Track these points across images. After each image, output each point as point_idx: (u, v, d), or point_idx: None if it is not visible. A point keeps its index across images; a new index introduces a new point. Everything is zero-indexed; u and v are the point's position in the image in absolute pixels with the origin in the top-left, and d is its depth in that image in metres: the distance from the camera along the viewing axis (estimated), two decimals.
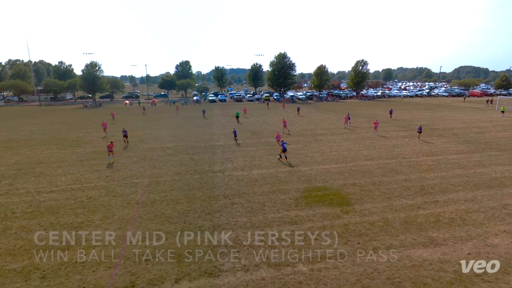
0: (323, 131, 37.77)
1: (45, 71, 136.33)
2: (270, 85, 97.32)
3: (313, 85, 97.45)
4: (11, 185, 19.37)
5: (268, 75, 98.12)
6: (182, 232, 13.48)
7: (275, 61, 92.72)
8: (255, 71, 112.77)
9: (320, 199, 16.82)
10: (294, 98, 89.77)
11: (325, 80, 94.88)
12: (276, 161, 24.29)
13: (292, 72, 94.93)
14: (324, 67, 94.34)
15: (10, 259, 11.58)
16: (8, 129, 41.72)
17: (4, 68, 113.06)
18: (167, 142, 31.96)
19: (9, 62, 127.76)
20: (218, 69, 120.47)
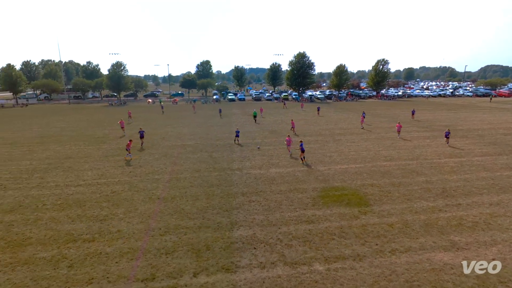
0: (341, 130, 37.15)
1: (74, 71, 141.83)
2: (289, 85, 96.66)
3: (332, 84, 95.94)
4: (42, 179, 20.32)
5: (287, 74, 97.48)
6: (201, 227, 13.68)
7: (294, 61, 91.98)
8: (274, 70, 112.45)
9: (338, 199, 16.58)
10: (313, 97, 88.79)
11: (345, 79, 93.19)
12: (294, 160, 24.13)
13: (311, 72, 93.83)
14: (344, 66, 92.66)
15: (41, 248, 12.16)
16: (41, 126, 43.76)
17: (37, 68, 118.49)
18: (187, 140, 32.47)
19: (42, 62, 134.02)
20: (237, 69, 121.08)
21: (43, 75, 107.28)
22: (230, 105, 75.08)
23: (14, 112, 64.79)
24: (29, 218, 14.72)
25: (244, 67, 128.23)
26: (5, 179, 20.29)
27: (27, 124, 45.39)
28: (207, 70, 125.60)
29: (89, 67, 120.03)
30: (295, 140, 29.50)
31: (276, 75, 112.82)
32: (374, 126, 40.38)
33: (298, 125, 41.49)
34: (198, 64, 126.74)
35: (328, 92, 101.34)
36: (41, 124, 45.85)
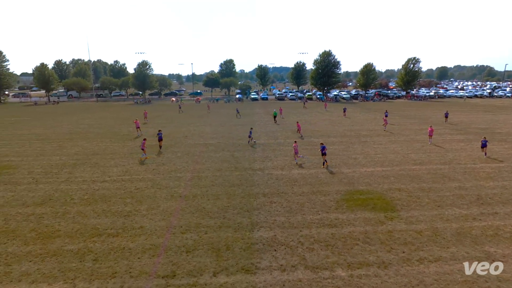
0: (368, 132, 36.24)
1: (102, 70, 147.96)
2: (313, 84, 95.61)
3: (359, 84, 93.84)
4: (70, 174, 21.36)
5: (311, 73, 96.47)
6: (222, 227, 13.83)
7: (319, 59, 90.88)
8: (298, 69, 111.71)
9: (363, 203, 16.19)
10: (338, 97, 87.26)
11: (372, 79, 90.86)
12: (318, 161, 23.82)
13: (337, 71, 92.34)
14: (371, 65, 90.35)
15: (68, 241, 12.79)
16: (70, 123, 46.03)
17: (68, 67, 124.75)
18: (209, 139, 32.94)
19: (73, 61, 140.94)
20: (261, 68, 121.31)
21: (73, 74, 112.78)
22: (252, 105, 75.35)
23: (47, 109, 68.57)
24: (58, 211, 15.53)
25: (267, 66, 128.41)
26: (37, 173, 21.52)
27: (58, 121, 47.90)
28: (230, 69, 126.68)
29: (116, 66, 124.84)
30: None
31: (300, 74, 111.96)
32: (403, 127, 39.06)
33: (322, 126, 40.96)
34: (221, 63, 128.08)
35: (354, 92, 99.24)
36: (71, 121, 48.20)
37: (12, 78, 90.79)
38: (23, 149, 28.65)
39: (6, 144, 30.82)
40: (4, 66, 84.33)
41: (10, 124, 44.66)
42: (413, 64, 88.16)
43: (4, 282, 10.30)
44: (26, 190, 18.34)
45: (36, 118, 51.58)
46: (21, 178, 20.49)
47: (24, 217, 14.86)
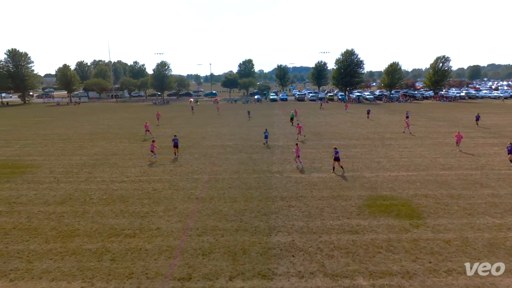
0: (392, 134, 35.38)
1: (122, 71, 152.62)
2: (335, 84, 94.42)
3: (383, 84, 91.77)
4: (90, 174, 22.14)
5: (333, 73, 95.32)
6: (238, 230, 13.89)
7: (341, 59, 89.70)
8: (319, 69, 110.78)
9: (386, 209, 15.81)
10: (361, 98, 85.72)
11: (397, 78, 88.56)
12: (337, 165, 23.44)
13: (360, 70, 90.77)
14: (397, 64, 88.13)
15: (87, 240, 13.25)
16: (91, 123, 47.76)
17: (89, 68, 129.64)
18: (227, 140, 33.21)
19: (94, 62, 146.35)
20: (280, 68, 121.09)
21: (94, 75, 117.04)
22: (271, 106, 75.34)
23: (68, 109, 71.47)
24: (77, 210, 16.12)
25: (287, 66, 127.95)
26: (59, 172, 22.45)
27: (78, 121, 49.80)
28: (249, 69, 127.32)
29: (135, 67, 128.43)
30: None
31: (321, 74, 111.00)
32: (431, 130, 37.85)
33: (343, 128, 40.37)
34: (240, 63, 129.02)
35: (378, 93, 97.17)
36: (91, 121, 49.99)
37: (37, 79, 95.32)
38: (46, 149, 29.98)
39: (30, 144, 32.34)
40: (29, 68, 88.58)
41: (34, 124, 46.86)
42: (443, 63, 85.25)
43: (26, 278, 10.80)
44: (48, 189, 19.17)
45: (58, 119, 53.85)
46: (44, 177, 21.43)
47: (45, 216, 15.53)
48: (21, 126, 44.86)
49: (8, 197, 17.88)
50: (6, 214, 15.76)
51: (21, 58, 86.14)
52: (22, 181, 20.66)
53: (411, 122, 40.82)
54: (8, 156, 27.21)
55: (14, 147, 31.05)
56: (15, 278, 10.79)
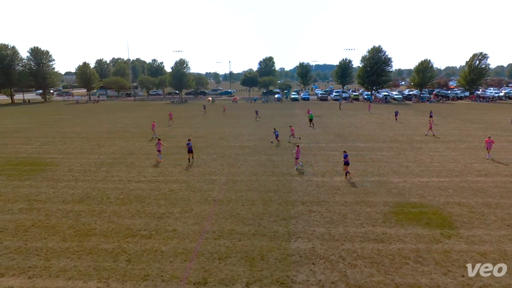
0: (422, 137, 34.34)
1: (140, 69, 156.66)
2: (360, 83, 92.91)
3: (413, 83, 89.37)
4: (107, 172, 22.82)
5: (358, 71, 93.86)
6: (256, 234, 13.89)
7: (367, 56, 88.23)
8: (343, 67, 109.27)
9: (415, 217, 15.35)
10: (388, 98, 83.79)
11: (429, 77, 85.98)
12: (362, 168, 23.04)
13: (388, 68, 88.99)
14: (428, 62, 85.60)
15: (103, 240, 13.65)
16: (109, 122, 49.28)
17: (108, 66, 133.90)
18: (245, 141, 33.34)
19: (113, 60, 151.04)
20: (302, 66, 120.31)
21: (113, 73, 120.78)
22: (293, 105, 75.00)
23: (87, 107, 74.06)
24: (94, 209, 16.65)
25: (309, 64, 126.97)
26: (77, 171, 23.29)
27: (97, 120, 51.49)
28: (270, 67, 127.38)
29: (154, 65, 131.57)
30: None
31: (345, 73, 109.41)
32: (465, 133, 36.46)
33: (369, 129, 39.60)
34: (260, 61, 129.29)
35: (408, 92, 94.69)
36: (109, 119, 51.57)
37: (57, 77, 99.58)
38: (65, 147, 31.19)
39: (50, 142, 33.75)
40: (50, 66, 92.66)
41: (54, 122, 48.88)
42: (479, 60, 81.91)
43: (44, 276, 11.25)
44: (66, 187, 19.92)
45: (77, 116, 55.92)
46: (62, 175, 22.29)
47: (63, 214, 16.15)
48: (42, 124, 46.90)
49: (28, 194, 18.72)
50: (26, 211, 16.50)
51: (42, 56, 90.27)
52: (42, 178, 21.57)
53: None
54: (29, 154, 28.51)
55: (34, 144, 32.50)
56: (33, 276, 11.27)
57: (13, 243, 13.40)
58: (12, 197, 18.39)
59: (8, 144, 32.56)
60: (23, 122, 48.97)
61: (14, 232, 14.31)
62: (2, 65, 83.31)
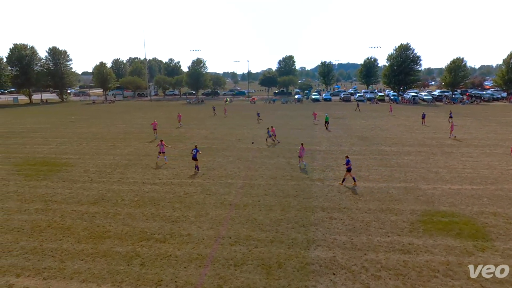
0: (454, 141, 33.32)
1: (157, 68, 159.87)
2: (386, 83, 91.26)
3: (444, 83, 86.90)
4: (122, 174, 23.38)
5: (384, 70, 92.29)
6: (274, 241, 13.84)
7: (394, 54, 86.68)
8: (368, 66, 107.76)
9: (445, 227, 14.89)
10: (417, 99, 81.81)
11: (462, 77, 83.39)
12: (388, 174, 22.58)
13: (416, 67, 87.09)
14: (461, 60, 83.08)
15: (118, 243, 13.97)
16: (125, 122, 50.52)
17: (125, 66, 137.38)
18: (263, 143, 33.34)
19: (129, 60, 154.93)
20: (324, 65, 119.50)
21: (129, 72, 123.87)
22: (314, 106, 74.48)
23: (103, 108, 76.21)
24: (109, 211, 17.08)
25: (332, 63, 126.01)
26: (92, 172, 23.99)
27: (113, 120, 52.90)
28: (290, 66, 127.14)
29: (170, 64, 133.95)
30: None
31: (370, 72, 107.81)
32: (502, 137, 35.09)
33: (395, 132, 38.78)
34: (280, 60, 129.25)
35: (438, 93, 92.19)
36: (125, 120, 52.87)
37: (75, 77, 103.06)
38: (81, 147, 32.20)
39: (66, 142, 34.95)
40: (67, 66, 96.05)
41: (71, 123, 50.58)
42: None
43: (58, 278, 11.63)
44: (81, 188, 20.55)
45: (93, 117, 57.64)
46: (78, 176, 23.02)
47: (78, 215, 16.65)
48: (59, 124, 48.64)
49: (45, 195, 19.43)
50: (42, 211, 17.13)
51: (60, 56, 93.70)
52: (58, 179, 22.34)
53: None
54: (45, 154, 29.61)
55: (51, 144, 33.73)
56: (48, 277, 11.67)
57: (29, 243, 13.93)
58: (29, 197, 19.14)
59: (26, 144, 33.95)
60: (40, 122, 50.94)
61: (30, 233, 14.88)
62: (21, 65, 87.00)
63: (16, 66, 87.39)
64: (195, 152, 23.45)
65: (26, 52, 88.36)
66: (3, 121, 52.72)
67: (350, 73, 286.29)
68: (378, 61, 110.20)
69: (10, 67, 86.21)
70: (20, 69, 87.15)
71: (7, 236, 14.54)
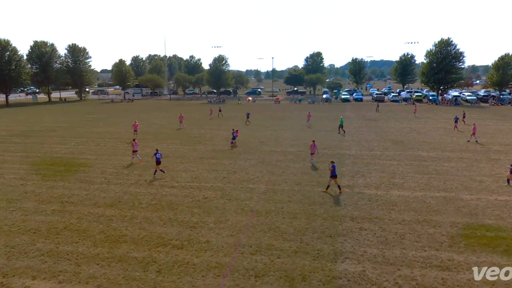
0: (501, 147, 31.96)
1: (177, 66, 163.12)
2: (424, 82, 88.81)
3: (491, 82, 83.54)
4: (140, 176, 23.95)
5: (422, 68, 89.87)
6: (298, 252, 13.75)
7: (433, 50, 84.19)
8: (404, 63, 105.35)
9: (490, 242, 14.29)
10: (459, 99, 79.07)
11: (511, 75, 79.91)
12: (425, 182, 21.94)
13: (459, 64, 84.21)
14: (511, 57, 79.63)
15: (134, 248, 14.31)
16: (143, 122, 51.74)
17: (144, 63, 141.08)
18: (288, 146, 33.26)
19: (149, 57, 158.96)
20: (355, 62, 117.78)
21: (148, 70, 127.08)
22: (343, 107, 73.59)
23: (122, 107, 78.50)
24: (126, 215, 17.54)
25: (363, 60, 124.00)
26: (110, 173, 24.73)
27: (131, 120, 54.27)
28: (318, 63, 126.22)
29: (191, 62, 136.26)
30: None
31: (406, 70, 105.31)
32: None
33: (434, 136, 37.65)
34: (307, 57, 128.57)
35: (484, 93, 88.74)
36: (143, 119, 54.15)
37: (94, 74, 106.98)
38: (98, 148, 33.28)
39: (84, 142, 36.23)
40: (86, 63, 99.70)
41: (88, 122, 52.42)
42: None
43: (73, 282, 12.04)
44: (98, 190, 21.22)
45: (112, 116, 59.47)
46: (95, 177, 23.79)
47: (95, 218, 17.20)
48: (77, 123, 50.52)
49: (61, 196, 20.21)
50: (58, 213, 17.83)
51: (79, 53, 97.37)
52: (75, 180, 23.19)
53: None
54: (63, 154, 30.82)
55: (69, 144, 35.07)
56: (63, 280, 12.10)
57: (45, 245, 14.52)
58: (46, 198, 19.96)
59: (44, 144, 35.47)
60: (59, 121, 53.08)
61: (47, 234, 15.51)
62: (41, 62, 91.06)
63: (36, 63, 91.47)
64: (158, 156, 23.45)
65: (46, 50, 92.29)
66: (22, 120, 55.37)
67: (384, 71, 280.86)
68: (415, 58, 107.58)
69: (30, 65, 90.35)
70: (40, 66, 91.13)
71: (24, 237, 15.22)
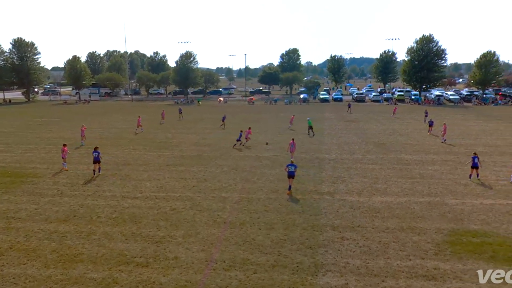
0: (486, 148, 33.48)
1: (140, 63, 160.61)
2: (406, 80, 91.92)
3: (473, 80, 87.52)
4: (98, 186, 23.32)
5: (403, 66, 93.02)
6: (275, 266, 13.79)
7: (415, 47, 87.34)
8: (385, 61, 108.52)
9: (476, 249, 14.90)
10: (442, 99, 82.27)
11: (494, 73, 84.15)
12: (409, 186, 22.63)
13: (441, 62, 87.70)
14: (493, 54, 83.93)
15: (92, 267, 13.87)
16: (101, 125, 50.59)
17: (102, 60, 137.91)
18: (264, 151, 33.40)
19: (107, 53, 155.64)
20: (334, 59, 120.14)
21: (107, 68, 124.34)
22: (322, 107, 74.85)
23: (77, 109, 76.35)
24: (82, 230, 16.99)
25: (343, 57, 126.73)
26: (63, 184, 23.91)
27: (88, 123, 52.83)
28: (294, 60, 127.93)
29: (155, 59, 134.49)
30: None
31: (387, 68, 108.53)
32: None
33: (417, 138, 38.91)
34: (282, 54, 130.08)
35: (466, 92, 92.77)
36: (102, 123, 52.95)
37: (43, 73, 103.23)
38: (50, 155, 32.12)
39: (33, 149, 34.89)
40: (35, 60, 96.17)
41: (38, 126, 50.58)
42: None
43: None
44: (50, 203, 20.46)
45: (65, 119, 57.66)
46: (46, 188, 22.94)
47: (46, 235, 16.55)
48: (24, 128, 48.63)
49: (6, 211, 19.32)
50: (3, 231, 17.01)
51: (26, 49, 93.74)
52: (22, 192, 22.25)
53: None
54: (8, 163, 29.53)
55: (15, 152, 33.66)
56: None
57: None
58: None
59: None
60: (3, 126, 50.88)
61: None
62: None
63: None
64: (96, 155, 24.82)
65: None
66: None
67: (364, 69, 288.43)
68: (396, 55, 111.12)
69: None
70: None
71: None
